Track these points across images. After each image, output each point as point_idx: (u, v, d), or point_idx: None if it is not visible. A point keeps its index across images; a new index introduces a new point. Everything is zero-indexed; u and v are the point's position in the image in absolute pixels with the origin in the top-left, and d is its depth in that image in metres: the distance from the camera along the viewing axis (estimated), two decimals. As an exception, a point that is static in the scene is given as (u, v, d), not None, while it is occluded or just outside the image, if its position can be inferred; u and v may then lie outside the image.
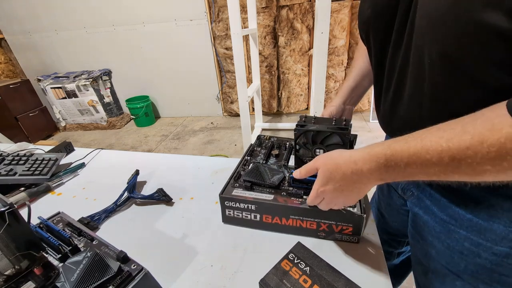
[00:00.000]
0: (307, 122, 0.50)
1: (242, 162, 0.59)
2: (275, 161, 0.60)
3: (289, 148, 0.63)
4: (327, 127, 0.48)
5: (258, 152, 0.63)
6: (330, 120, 0.51)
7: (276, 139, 0.68)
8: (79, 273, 0.34)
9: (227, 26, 2.58)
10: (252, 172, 0.53)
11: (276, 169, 0.55)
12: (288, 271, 0.38)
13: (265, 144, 0.66)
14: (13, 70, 3.27)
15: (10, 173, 0.67)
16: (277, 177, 0.52)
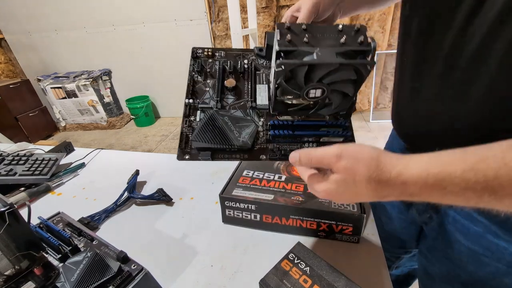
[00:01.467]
0: (296, 41, 0.29)
1: (185, 113, 0.38)
2: (233, 99, 0.39)
3: (250, 71, 0.41)
4: (335, 52, 0.28)
5: (202, 85, 0.39)
6: (332, 30, 0.30)
7: (223, 54, 0.42)
8: (79, 273, 0.34)
9: (227, 26, 2.58)
10: (206, 129, 0.35)
11: (240, 116, 0.37)
12: (288, 271, 0.38)
13: (210, 67, 0.41)
14: (13, 70, 3.26)
15: (10, 173, 0.67)
16: (247, 131, 0.36)
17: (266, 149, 0.36)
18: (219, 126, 0.36)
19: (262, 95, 0.39)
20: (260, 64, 0.41)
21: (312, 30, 0.30)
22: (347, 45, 0.29)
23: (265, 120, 0.38)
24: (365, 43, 0.29)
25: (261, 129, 0.37)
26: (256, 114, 0.38)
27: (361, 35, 0.29)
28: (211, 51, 0.41)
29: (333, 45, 0.29)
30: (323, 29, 0.30)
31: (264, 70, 0.41)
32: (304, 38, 0.29)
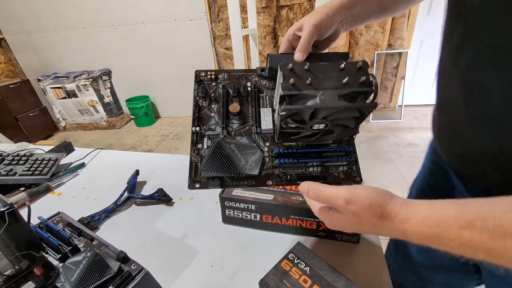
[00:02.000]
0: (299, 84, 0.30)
1: (193, 140, 0.38)
2: (238, 124, 0.39)
3: (254, 94, 0.40)
4: (338, 94, 0.29)
5: (207, 110, 0.40)
6: (334, 69, 0.31)
7: (226, 76, 0.41)
8: (79, 273, 0.34)
9: (227, 26, 2.58)
10: (214, 158, 0.36)
11: (246, 143, 0.38)
12: (288, 271, 0.38)
13: (213, 91, 0.41)
14: (13, 70, 3.26)
15: (10, 173, 0.67)
16: (253, 159, 0.36)
17: (272, 175, 0.37)
18: (226, 155, 0.36)
19: (266, 119, 0.39)
20: (263, 85, 0.41)
21: (314, 70, 0.31)
22: (349, 86, 0.30)
23: (270, 144, 0.38)
24: (367, 83, 0.30)
25: (266, 154, 0.38)
26: (261, 138, 0.39)
27: (363, 74, 0.30)
28: (214, 73, 0.41)
29: (335, 86, 0.30)
30: (326, 68, 0.31)
31: (267, 92, 0.41)
32: (307, 80, 0.30)
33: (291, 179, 0.37)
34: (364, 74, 0.30)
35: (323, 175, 0.37)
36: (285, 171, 0.37)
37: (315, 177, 0.37)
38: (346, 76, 0.30)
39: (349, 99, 0.30)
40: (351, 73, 0.30)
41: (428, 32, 2.62)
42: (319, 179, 0.37)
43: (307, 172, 0.37)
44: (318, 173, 0.37)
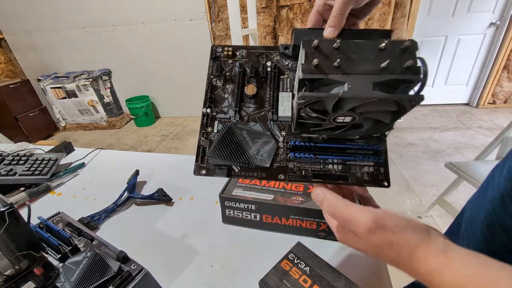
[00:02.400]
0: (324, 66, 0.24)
1: (203, 123, 0.36)
2: (254, 108, 0.35)
3: (274, 75, 0.36)
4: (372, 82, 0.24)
5: (220, 91, 0.37)
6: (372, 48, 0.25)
7: (244, 52, 0.38)
8: (79, 273, 0.34)
9: (227, 26, 2.58)
10: (223, 144, 0.33)
11: (260, 131, 0.34)
12: (288, 271, 0.38)
13: (229, 70, 0.37)
14: (13, 70, 3.26)
15: (10, 173, 0.67)
16: (266, 149, 0.33)
17: (285, 168, 0.33)
18: (237, 142, 0.33)
19: (284, 105, 0.35)
20: (285, 66, 0.36)
21: (345, 48, 0.25)
22: (389, 71, 0.23)
23: (286, 134, 0.34)
24: (413, 69, 0.24)
25: (281, 145, 0.34)
26: (277, 126, 0.35)
27: (409, 57, 0.24)
28: (231, 49, 0.38)
29: (370, 71, 0.24)
30: (361, 47, 0.25)
31: (289, 73, 0.36)
32: (335, 61, 0.24)
33: (306, 175, 0.33)
34: (410, 57, 0.24)
35: (343, 174, 0.33)
36: (300, 166, 0.33)
37: (334, 176, 0.33)
38: (386, 58, 0.24)
39: (386, 89, 0.24)
40: (393, 55, 0.24)
41: (428, 32, 2.62)
42: (339, 179, 0.33)
43: (325, 169, 0.33)
44: (338, 171, 0.33)
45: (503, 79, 2.66)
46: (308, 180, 0.33)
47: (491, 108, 2.82)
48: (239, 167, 0.34)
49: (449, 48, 2.67)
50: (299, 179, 0.33)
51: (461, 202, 1.57)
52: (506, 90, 2.71)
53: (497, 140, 1.24)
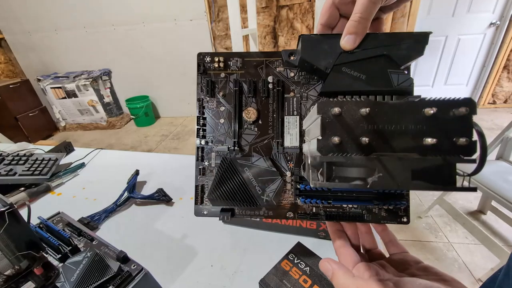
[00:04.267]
0: (348, 144, 0.18)
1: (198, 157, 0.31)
2: (255, 136, 0.31)
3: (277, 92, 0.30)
4: (412, 169, 0.18)
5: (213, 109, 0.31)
6: (414, 113, 0.18)
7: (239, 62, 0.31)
8: (79, 273, 0.34)
9: (227, 26, 2.57)
10: (223, 185, 0.30)
11: (264, 167, 0.30)
12: (288, 271, 0.38)
13: (222, 86, 0.31)
14: (13, 70, 3.26)
15: (10, 173, 0.67)
16: (272, 188, 0.30)
17: (294, 205, 0.30)
18: (239, 181, 0.30)
19: (291, 133, 0.30)
20: (290, 79, 0.30)
21: (378, 115, 0.18)
22: (435, 150, 0.17)
23: (294, 167, 0.30)
24: (468, 148, 0.17)
25: (288, 179, 0.30)
26: (283, 157, 0.30)
27: (463, 128, 0.17)
28: (223, 59, 0.31)
29: (410, 149, 0.18)
30: (398, 111, 0.18)
31: (296, 89, 0.30)
32: (362, 136, 0.18)
33: (318, 214, 0.30)
34: (464, 128, 0.17)
35: (359, 213, 0.29)
36: (310, 203, 0.30)
37: (349, 216, 0.29)
38: (431, 130, 0.17)
39: (428, 174, 0.18)
40: (442, 125, 0.17)
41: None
42: (353, 218, 0.29)
43: (338, 206, 0.30)
44: (352, 209, 0.30)
45: (503, 79, 2.66)
46: (321, 219, 0.30)
47: (491, 108, 2.82)
48: (243, 208, 0.31)
49: (449, 48, 2.67)
50: (310, 218, 0.30)
51: (461, 202, 1.58)
52: (506, 90, 2.71)
53: (497, 140, 1.24)
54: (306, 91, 0.30)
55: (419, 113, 0.17)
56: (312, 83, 0.30)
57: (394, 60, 0.23)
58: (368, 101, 0.18)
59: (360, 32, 0.22)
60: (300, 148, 0.30)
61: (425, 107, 0.17)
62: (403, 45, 0.23)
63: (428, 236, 1.37)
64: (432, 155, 0.17)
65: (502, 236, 1.35)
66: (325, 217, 0.29)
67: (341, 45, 0.23)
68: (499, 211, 1.33)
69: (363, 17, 0.21)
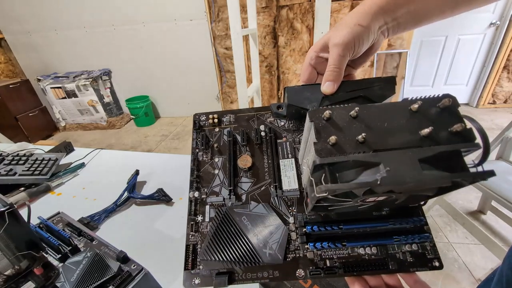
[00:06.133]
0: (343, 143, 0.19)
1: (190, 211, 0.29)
2: (251, 184, 0.29)
3: (270, 139, 0.31)
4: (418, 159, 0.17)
5: (209, 166, 0.31)
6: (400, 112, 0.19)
7: (232, 118, 0.33)
8: (79, 273, 0.33)
9: (227, 26, 2.58)
10: (219, 239, 0.26)
11: (263, 213, 0.27)
12: (288, 271, 0.38)
13: (217, 140, 0.32)
14: (13, 70, 3.26)
15: (10, 173, 0.67)
16: (275, 238, 0.26)
17: (303, 260, 0.26)
18: (237, 233, 0.26)
19: (288, 175, 0.29)
20: (281, 127, 0.32)
21: (367, 115, 0.19)
22: (433, 140, 0.18)
23: (297, 212, 0.27)
24: (463, 133, 0.18)
25: (292, 227, 0.27)
26: (284, 202, 0.28)
27: (453, 118, 0.18)
28: (217, 117, 0.32)
29: (409, 142, 0.18)
30: (385, 111, 0.19)
31: (288, 136, 0.31)
32: (358, 135, 0.18)
33: (332, 267, 0.25)
34: (454, 117, 0.18)
35: (381, 259, 0.26)
36: (322, 253, 0.26)
37: (369, 264, 0.25)
38: (423, 123, 0.18)
39: (437, 164, 0.17)
40: (432, 118, 0.18)
41: (428, 32, 2.62)
42: (376, 267, 0.25)
43: (355, 254, 0.26)
44: (372, 256, 0.26)
45: (503, 79, 2.66)
46: (337, 273, 0.25)
47: (491, 108, 2.82)
48: (243, 268, 0.26)
49: (449, 48, 2.67)
50: (325, 274, 0.25)
51: (461, 202, 1.58)
52: (506, 90, 2.71)
53: (497, 140, 1.24)
54: (298, 137, 0.31)
55: (406, 111, 0.19)
56: (302, 129, 0.31)
57: (372, 99, 0.26)
58: (354, 105, 0.19)
59: (336, 79, 0.27)
60: (300, 190, 0.28)
61: (410, 105, 0.18)
62: (375, 87, 0.26)
63: (428, 236, 1.37)
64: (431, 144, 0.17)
65: (502, 236, 1.35)
66: (342, 268, 0.25)
67: (322, 90, 0.27)
68: (499, 211, 1.33)
69: (336, 67, 0.27)
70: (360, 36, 0.27)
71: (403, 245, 0.26)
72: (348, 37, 0.26)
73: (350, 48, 0.27)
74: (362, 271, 0.25)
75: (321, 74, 0.30)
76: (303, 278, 0.25)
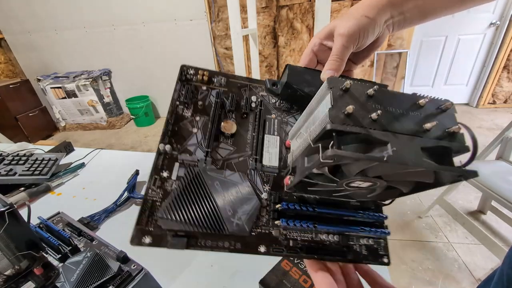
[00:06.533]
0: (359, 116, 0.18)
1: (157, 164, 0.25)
2: (230, 152, 0.28)
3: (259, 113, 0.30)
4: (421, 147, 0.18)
5: (188, 123, 0.28)
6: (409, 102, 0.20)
7: (223, 81, 0.31)
8: (79, 273, 0.34)
9: (227, 26, 2.58)
10: (185, 200, 0.25)
11: (238, 182, 0.26)
12: (288, 271, 0.38)
13: (202, 98, 0.29)
14: (13, 70, 3.26)
15: (10, 173, 0.67)
16: (245, 209, 0.25)
17: (268, 236, 0.25)
18: (206, 196, 0.24)
19: (270, 152, 0.28)
20: (272, 104, 0.31)
21: (382, 97, 0.19)
22: (434, 135, 0.19)
23: (271, 190, 0.27)
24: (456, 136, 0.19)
25: (264, 202, 0.26)
26: (260, 178, 0.27)
27: (450, 122, 0.20)
28: (207, 75, 0.30)
29: (414, 131, 0.19)
30: (398, 99, 0.20)
31: (277, 114, 0.30)
32: (373, 112, 0.18)
33: (295, 248, 0.26)
34: (451, 120, 0.20)
35: (341, 248, 0.27)
36: (287, 234, 0.26)
37: (330, 251, 0.26)
38: (427, 117, 0.19)
39: (433, 157, 0.19)
40: (433, 115, 0.20)
41: (428, 32, 2.62)
42: (335, 254, 0.26)
43: (318, 239, 0.26)
44: (334, 243, 0.27)
45: (503, 79, 2.66)
46: (297, 254, 0.26)
47: (491, 108, 2.82)
48: (205, 235, 0.25)
49: (449, 48, 2.67)
50: (287, 253, 0.25)
51: (461, 202, 1.58)
52: (506, 90, 2.71)
53: (497, 140, 1.24)
54: (287, 117, 0.31)
55: (414, 103, 0.20)
56: (292, 111, 0.31)
57: None
58: (373, 84, 0.20)
59: (338, 68, 0.27)
60: (279, 169, 0.27)
61: (419, 99, 0.20)
62: None
63: (428, 236, 1.37)
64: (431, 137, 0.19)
65: (502, 236, 1.35)
66: (304, 250, 0.26)
67: (322, 78, 0.27)
68: (499, 211, 1.33)
69: (339, 57, 0.26)
70: (366, 28, 0.27)
71: (362, 238, 0.28)
72: (353, 28, 0.26)
73: (355, 39, 0.27)
74: (322, 256, 0.26)
75: (320, 62, 0.30)
76: (264, 254, 0.25)
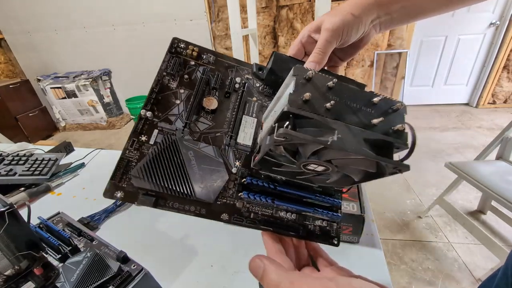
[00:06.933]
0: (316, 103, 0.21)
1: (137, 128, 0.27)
2: (208, 126, 0.30)
3: (241, 94, 0.32)
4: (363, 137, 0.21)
5: (172, 94, 0.30)
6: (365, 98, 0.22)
7: (212, 58, 0.33)
8: (79, 273, 0.34)
9: (227, 26, 2.58)
10: (158, 163, 0.26)
11: (211, 155, 0.28)
12: (288, 271, 0.38)
13: (189, 72, 0.32)
14: (13, 70, 3.26)
15: (10, 173, 0.67)
16: (213, 179, 0.27)
17: (231, 207, 0.28)
18: (178, 163, 0.27)
19: (246, 132, 0.30)
20: (255, 88, 0.32)
21: (339, 90, 0.22)
22: (379, 130, 0.21)
23: (241, 166, 0.29)
24: (399, 134, 0.22)
25: (233, 177, 0.28)
26: (232, 153, 0.29)
27: (398, 120, 0.22)
28: (197, 50, 0.32)
29: (362, 124, 0.21)
30: (354, 94, 0.22)
31: (258, 97, 0.32)
32: (328, 102, 0.20)
33: (255, 220, 0.29)
34: (399, 120, 0.22)
35: (296, 225, 0.30)
36: (250, 207, 0.29)
37: (285, 226, 0.29)
38: (376, 114, 0.22)
39: (374, 148, 0.21)
40: (383, 113, 0.22)
41: (428, 32, 2.62)
42: (290, 230, 0.29)
43: (277, 215, 0.29)
44: (291, 221, 0.30)
45: (503, 79, 2.66)
46: (256, 225, 0.28)
47: (491, 108, 2.82)
48: (173, 197, 0.27)
49: (449, 48, 2.67)
50: (246, 223, 0.28)
51: (461, 202, 1.58)
52: (506, 90, 2.71)
53: (497, 140, 1.24)
54: (267, 102, 0.32)
55: (368, 100, 0.22)
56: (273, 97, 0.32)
57: None
58: (333, 78, 0.22)
59: (319, 61, 0.28)
60: (251, 149, 0.30)
61: (373, 97, 0.22)
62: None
63: (428, 236, 1.37)
64: (377, 130, 0.21)
65: (502, 236, 1.35)
66: (263, 222, 0.29)
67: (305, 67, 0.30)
68: (499, 211, 1.33)
69: (322, 51, 0.28)
70: (350, 25, 0.28)
71: (317, 219, 0.31)
72: (338, 24, 0.27)
73: (338, 35, 0.28)
74: (278, 229, 0.29)
75: (308, 54, 0.32)
76: (226, 221, 0.27)
